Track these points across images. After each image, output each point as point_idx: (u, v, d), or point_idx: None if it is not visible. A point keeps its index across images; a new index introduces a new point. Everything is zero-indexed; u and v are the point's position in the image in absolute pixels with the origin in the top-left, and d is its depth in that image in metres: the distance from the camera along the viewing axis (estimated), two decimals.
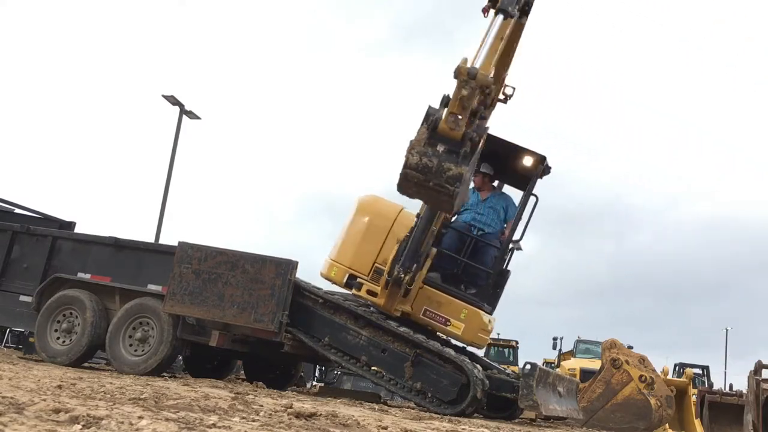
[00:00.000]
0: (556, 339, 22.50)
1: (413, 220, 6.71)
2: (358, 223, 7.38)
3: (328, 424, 3.64)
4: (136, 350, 7.13)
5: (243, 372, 9.53)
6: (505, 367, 10.18)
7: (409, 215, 7.08)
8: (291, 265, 6.84)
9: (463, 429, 4.51)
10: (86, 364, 7.84)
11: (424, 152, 4.00)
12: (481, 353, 8.08)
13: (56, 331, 7.42)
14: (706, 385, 20.94)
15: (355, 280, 6.99)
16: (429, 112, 4.09)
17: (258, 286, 6.78)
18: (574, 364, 18.62)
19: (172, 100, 19.47)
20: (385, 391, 9.33)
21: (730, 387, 14.81)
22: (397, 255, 6.50)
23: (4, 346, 16.72)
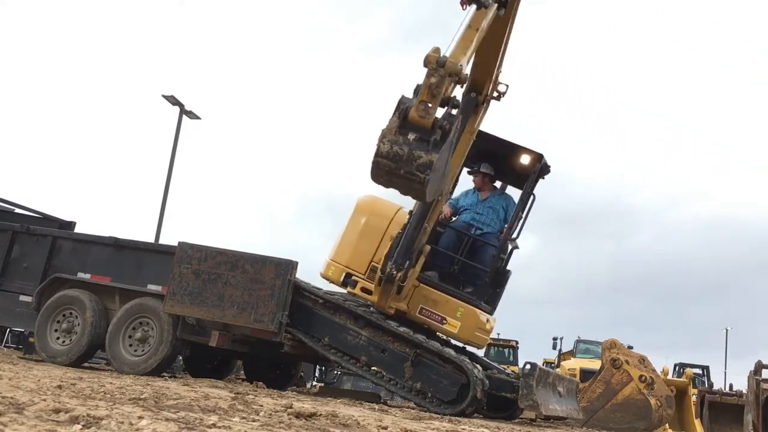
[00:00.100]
0: (556, 339, 22.53)
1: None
2: (355, 223, 7.38)
3: (328, 424, 3.64)
4: (136, 350, 7.13)
5: (243, 372, 9.53)
6: (505, 367, 10.18)
7: (407, 215, 7.09)
8: (291, 266, 6.84)
9: (463, 429, 4.51)
10: (86, 364, 7.84)
11: (395, 140, 4.02)
12: (481, 353, 8.08)
13: (56, 331, 7.42)
14: (706, 385, 20.95)
15: (350, 279, 7.00)
16: (401, 101, 4.12)
17: (258, 286, 6.77)
18: (574, 364, 18.62)
19: (172, 100, 19.47)
20: (385, 391, 9.33)
21: (730, 387, 14.80)
22: (390, 252, 6.52)
23: (4, 346, 16.71)
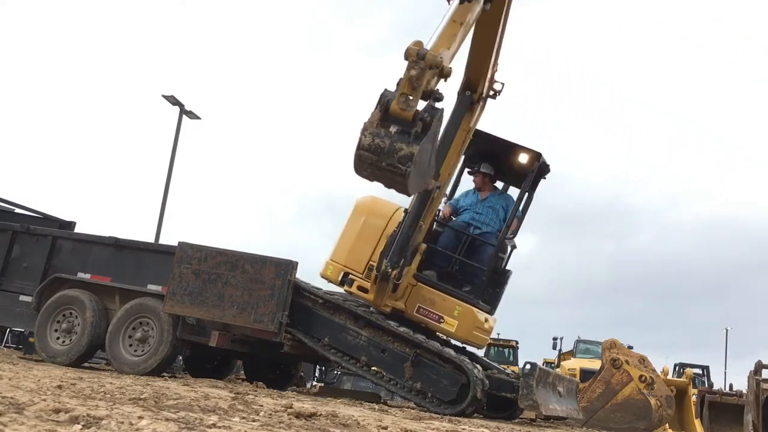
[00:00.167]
0: (556, 339, 22.53)
1: None
2: (354, 223, 7.39)
3: (328, 424, 3.64)
4: (136, 350, 7.13)
5: (243, 372, 9.53)
6: (505, 367, 10.18)
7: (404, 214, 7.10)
8: (291, 266, 6.84)
9: (463, 429, 4.51)
10: (86, 364, 7.84)
11: (377, 133, 4.04)
12: (481, 353, 8.08)
13: (56, 331, 7.42)
14: (706, 385, 20.95)
15: (347, 277, 7.00)
16: (383, 94, 4.14)
17: (258, 286, 6.77)
18: (574, 364, 18.61)
19: (172, 100, 19.47)
20: (385, 391, 9.33)
21: (730, 387, 14.80)
22: (385, 250, 6.52)
23: (4, 346, 16.70)
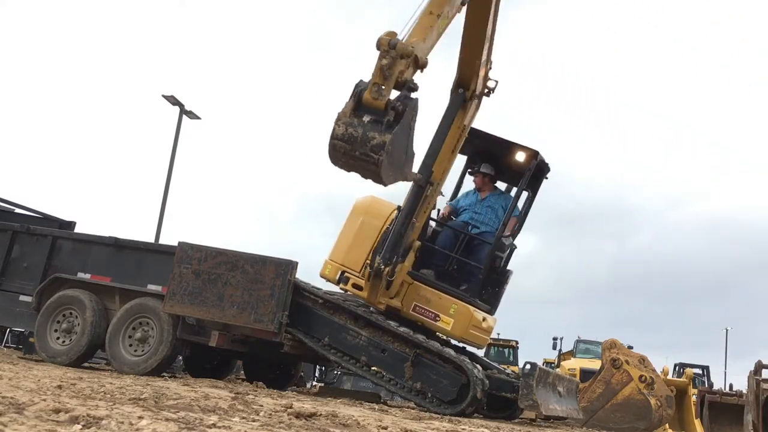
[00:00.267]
0: (556, 339, 22.54)
1: None
2: (353, 223, 7.42)
3: (328, 424, 3.64)
4: (136, 350, 7.13)
5: (243, 372, 9.53)
6: (505, 367, 10.18)
7: None
8: (291, 266, 6.84)
9: (463, 429, 4.51)
10: (86, 364, 7.84)
11: (350, 123, 4.09)
12: (481, 353, 8.08)
13: (56, 331, 7.42)
14: (706, 385, 20.95)
15: (343, 276, 7.02)
16: (357, 85, 4.18)
17: (258, 286, 6.77)
18: (574, 364, 18.61)
19: (172, 100, 19.46)
20: (385, 391, 9.32)
21: (730, 387, 14.80)
22: (378, 247, 6.53)
23: (4, 346, 16.70)
